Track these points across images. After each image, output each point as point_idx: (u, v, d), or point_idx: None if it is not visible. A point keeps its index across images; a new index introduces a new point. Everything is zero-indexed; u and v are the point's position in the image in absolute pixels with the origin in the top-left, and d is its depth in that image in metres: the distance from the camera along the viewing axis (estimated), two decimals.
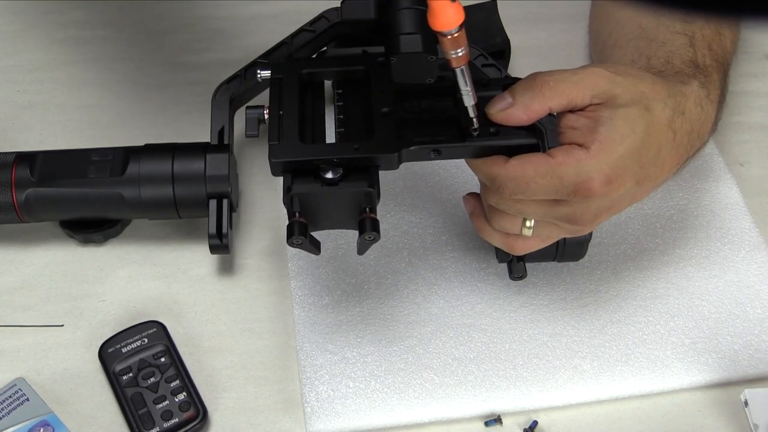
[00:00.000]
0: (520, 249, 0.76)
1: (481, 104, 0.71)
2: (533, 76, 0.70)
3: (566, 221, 0.71)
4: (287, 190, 0.70)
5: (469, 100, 0.69)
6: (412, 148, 0.72)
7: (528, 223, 0.72)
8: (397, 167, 0.73)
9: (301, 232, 0.70)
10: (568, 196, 0.69)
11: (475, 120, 0.71)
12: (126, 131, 0.98)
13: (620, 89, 0.69)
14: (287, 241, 0.70)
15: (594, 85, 0.69)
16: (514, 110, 0.70)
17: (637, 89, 0.70)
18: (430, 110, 0.74)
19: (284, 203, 0.71)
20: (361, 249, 0.73)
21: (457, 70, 0.67)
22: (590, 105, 0.70)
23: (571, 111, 0.71)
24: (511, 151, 0.71)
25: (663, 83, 0.72)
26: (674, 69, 0.78)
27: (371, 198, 0.71)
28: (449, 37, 0.64)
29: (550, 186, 0.68)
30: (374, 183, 0.71)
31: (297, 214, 0.71)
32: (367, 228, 0.70)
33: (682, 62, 0.79)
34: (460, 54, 0.65)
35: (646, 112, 0.69)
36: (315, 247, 0.73)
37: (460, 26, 0.63)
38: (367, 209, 0.71)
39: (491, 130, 0.71)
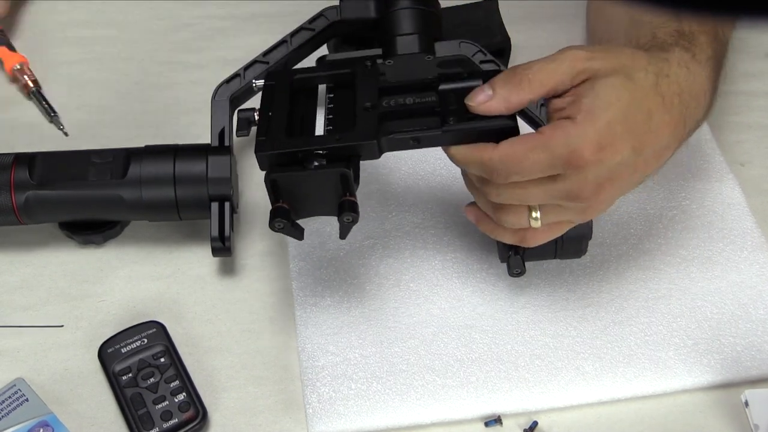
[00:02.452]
0: (532, 241, 0.76)
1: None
2: (513, 69, 0.72)
3: (568, 198, 0.71)
4: (267, 175, 0.72)
5: None
6: (390, 136, 0.73)
7: (534, 214, 0.73)
8: (379, 156, 0.74)
9: (282, 216, 0.71)
10: (562, 169, 0.69)
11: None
12: (125, 131, 0.98)
13: (598, 63, 0.70)
14: (269, 225, 0.72)
15: (572, 68, 0.71)
16: (493, 103, 0.71)
17: (616, 61, 0.71)
18: (412, 104, 0.76)
19: (267, 189, 0.72)
20: (343, 232, 0.74)
21: None
22: (572, 87, 0.71)
23: (556, 96, 0.72)
24: (489, 135, 0.72)
25: (643, 54, 0.73)
26: (658, 42, 0.78)
27: (348, 180, 0.72)
28: None
29: (542, 160, 0.69)
30: (350, 166, 0.72)
31: (280, 201, 0.72)
32: (345, 209, 0.71)
33: (666, 33, 0.79)
34: None
35: (628, 80, 0.70)
36: (298, 231, 0.74)
37: None
38: (347, 193, 0.72)
39: (468, 116, 0.73)
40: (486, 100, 0.71)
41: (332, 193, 0.72)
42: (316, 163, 0.71)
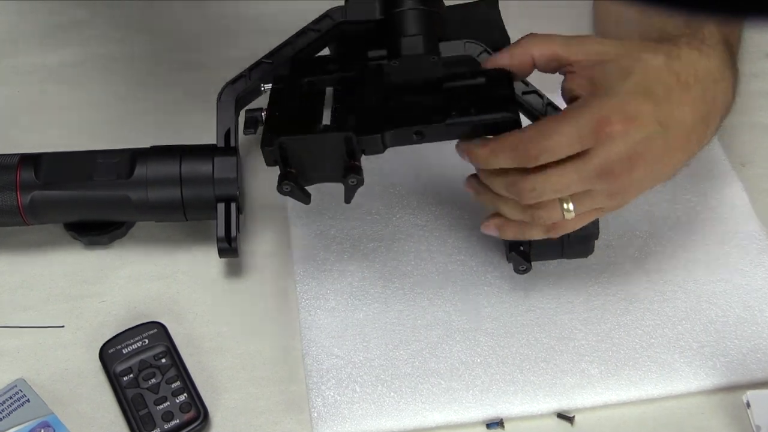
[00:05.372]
0: (563, 230, 0.76)
1: (471, 93, 0.75)
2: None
3: (601, 176, 0.71)
4: (275, 140, 0.73)
5: None
6: (393, 130, 0.74)
7: (567, 206, 0.73)
8: (383, 151, 0.75)
9: (290, 179, 0.73)
10: (591, 141, 0.70)
11: None
12: (128, 131, 0.97)
13: (608, 47, 0.74)
14: (277, 188, 0.74)
15: (582, 42, 0.75)
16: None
17: (624, 46, 0.74)
18: (417, 102, 0.77)
19: (275, 157, 0.74)
20: (348, 196, 0.76)
21: None
22: (582, 62, 0.73)
23: (565, 72, 0.75)
24: (493, 128, 0.73)
25: (653, 43, 0.76)
26: (666, 35, 0.79)
27: (351, 143, 0.73)
28: None
29: (570, 132, 0.70)
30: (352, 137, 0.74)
31: (288, 169, 0.74)
32: (350, 171, 0.74)
33: (674, 27, 0.80)
34: None
35: (637, 61, 0.73)
36: (304, 195, 0.76)
37: None
38: (351, 159, 0.74)
39: (471, 111, 0.74)
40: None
41: (338, 159, 0.74)
42: None
